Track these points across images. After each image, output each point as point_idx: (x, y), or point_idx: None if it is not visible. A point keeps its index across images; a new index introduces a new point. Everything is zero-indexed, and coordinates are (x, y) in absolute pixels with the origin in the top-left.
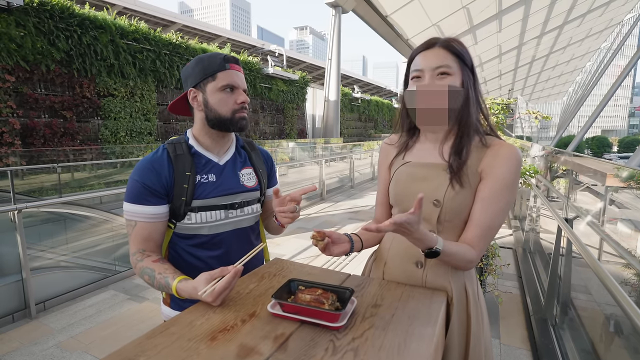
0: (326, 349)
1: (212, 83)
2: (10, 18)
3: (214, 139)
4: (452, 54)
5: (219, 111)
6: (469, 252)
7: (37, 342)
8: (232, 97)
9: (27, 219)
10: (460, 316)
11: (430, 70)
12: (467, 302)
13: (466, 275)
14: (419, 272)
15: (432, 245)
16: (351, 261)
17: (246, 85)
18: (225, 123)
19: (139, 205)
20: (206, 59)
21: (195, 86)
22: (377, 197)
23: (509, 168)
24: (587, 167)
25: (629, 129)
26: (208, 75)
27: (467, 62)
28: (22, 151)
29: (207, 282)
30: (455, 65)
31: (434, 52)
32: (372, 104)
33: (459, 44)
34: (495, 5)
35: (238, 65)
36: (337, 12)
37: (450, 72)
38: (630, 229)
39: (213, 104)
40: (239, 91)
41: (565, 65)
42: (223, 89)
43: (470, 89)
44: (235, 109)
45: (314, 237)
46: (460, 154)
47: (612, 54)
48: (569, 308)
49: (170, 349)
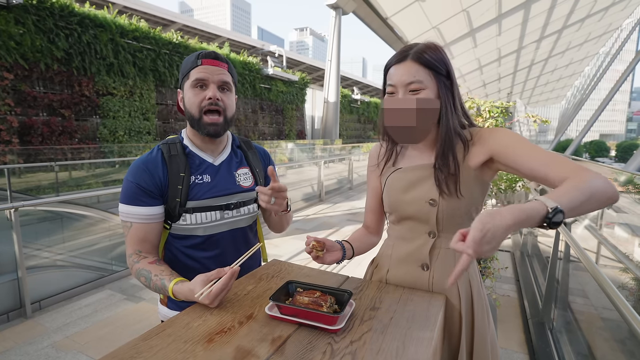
0: (324, 352)
1: (187, 82)
2: (9, 15)
3: (202, 139)
4: (424, 66)
5: (190, 111)
6: (581, 179)
7: (32, 342)
8: (203, 93)
9: (24, 218)
10: (467, 314)
11: (402, 87)
12: (472, 300)
13: (471, 273)
14: (425, 274)
15: (544, 211)
16: (349, 263)
17: (228, 79)
18: (195, 124)
19: (133, 207)
20: (187, 59)
21: (180, 87)
22: (367, 203)
23: (510, 133)
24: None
25: (627, 133)
26: (184, 74)
27: (442, 70)
28: (20, 149)
29: (203, 284)
30: (428, 77)
31: (405, 66)
32: (372, 105)
33: (432, 52)
34: (495, 8)
35: (215, 60)
36: (337, 14)
37: (423, 87)
38: (628, 233)
39: (186, 103)
40: (210, 86)
41: (564, 69)
42: (194, 86)
43: (446, 97)
44: (203, 106)
45: (314, 248)
46: (445, 159)
47: (610, 58)
48: (566, 312)
49: (166, 350)
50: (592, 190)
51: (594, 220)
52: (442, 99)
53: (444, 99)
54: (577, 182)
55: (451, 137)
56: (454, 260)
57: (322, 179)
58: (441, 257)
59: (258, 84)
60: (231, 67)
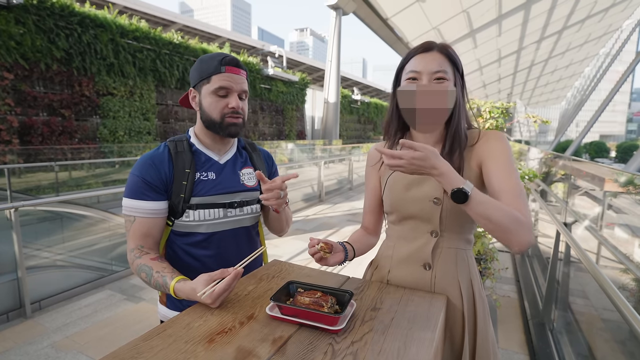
0: (325, 353)
1: (207, 85)
2: (10, 15)
3: (213, 138)
4: (448, 59)
5: (210, 114)
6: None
7: (31, 342)
8: (224, 101)
9: (24, 218)
10: (469, 315)
11: (428, 74)
12: (474, 301)
13: (472, 274)
14: (427, 274)
15: (460, 185)
16: (350, 263)
17: (247, 87)
18: (215, 127)
19: (138, 201)
20: (206, 61)
21: (194, 86)
22: (366, 204)
23: (502, 145)
24: (585, 171)
25: (627, 134)
26: (204, 77)
27: (459, 68)
28: (20, 149)
29: (206, 284)
30: (450, 70)
31: (432, 55)
32: (372, 106)
33: (452, 50)
34: (495, 9)
35: (237, 68)
36: (337, 14)
37: (447, 78)
38: (629, 234)
39: (205, 106)
40: (232, 95)
41: (564, 70)
42: (215, 93)
43: (460, 94)
44: (225, 113)
45: (322, 249)
46: (452, 156)
47: (610, 59)
48: (567, 312)
49: (167, 351)
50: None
51: (594, 221)
52: (457, 95)
53: (459, 96)
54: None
55: (460, 135)
56: (456, 259)
57: (322, 179)
58: (443, 257)
59: (258, 85)
60: (247, 72)
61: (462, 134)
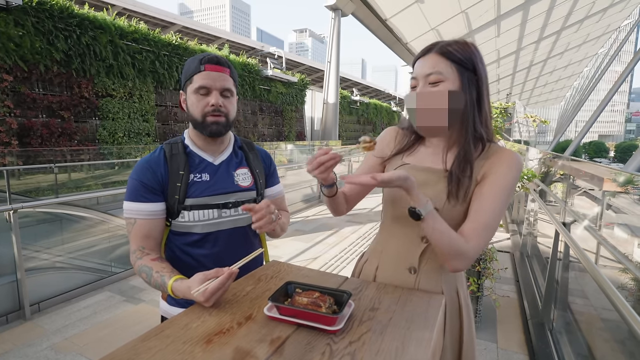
0: (323, 353)
1: (190, 86)
2: (9, 17)
3: (204, 139)
4: (446, 58)
5: (193, 114)
6: (462, 242)
7: (31, 344)
8: (205, 100)
9: (23, 219)
10: (453, 322)
11: (422, 78)
12: (460, 309)
13: (458, 281)
14: (412, 277)
15: (419, 206)
16: (349, 264)
17: (230, 84)
18: (199, 126)
19: (137, 203)
20: (190, 62)
21: (182, 88)
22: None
23: (510, 171)
24: (584, 171)
25: (626, 134)
26: (187, 78)
27: (467, 65)
28: (19, 151)
29: (201, 282)
30: (450, 69)
31: (427, 58)
32: (371, 106)
33: (459, 46)
34: (494, 10)
35: (218, 65)
36: (336, 15)
37: (442, 79)
38: (628, 234)
39: (190, 106)
40: (213, 93)
41: (563, 70)
42: (197, 92)
43: (470, 94)
44: (206, 111)
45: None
46: (463, 166)
47: (609, 59)
48: (566, 312)
49: (165, 352)
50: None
51: (593, 220)
52: (466, 94)
53: (469, 95)
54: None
55: (472, 143)
56: (442, 268)
57: None
58: (430, 263)
59: (257, 86)
60: (233, 71)
61: (475, 141)
